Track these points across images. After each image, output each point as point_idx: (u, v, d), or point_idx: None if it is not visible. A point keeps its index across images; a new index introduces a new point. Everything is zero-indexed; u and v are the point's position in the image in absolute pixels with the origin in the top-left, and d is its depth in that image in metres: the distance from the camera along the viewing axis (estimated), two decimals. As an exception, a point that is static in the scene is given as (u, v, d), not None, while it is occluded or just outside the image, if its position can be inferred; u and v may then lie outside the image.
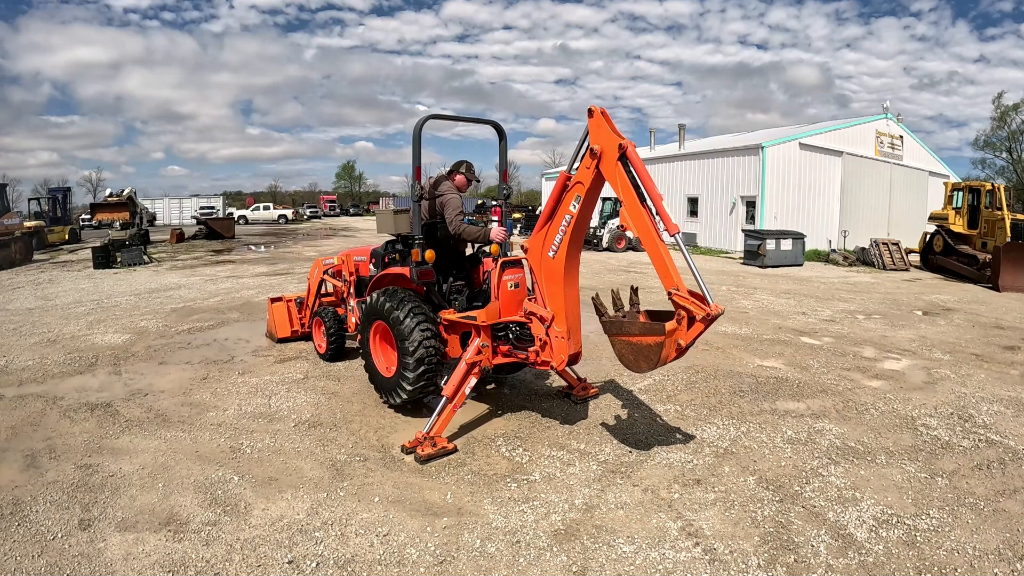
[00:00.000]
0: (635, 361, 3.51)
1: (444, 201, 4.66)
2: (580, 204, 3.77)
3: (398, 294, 4.53)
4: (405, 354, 4.35)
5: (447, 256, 4.82)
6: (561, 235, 3.86)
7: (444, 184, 4.76)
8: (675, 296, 3.30)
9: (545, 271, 3.99)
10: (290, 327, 6.98)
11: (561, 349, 3.97)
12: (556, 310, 3.95)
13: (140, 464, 3.86)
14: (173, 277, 13.24)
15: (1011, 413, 4.98)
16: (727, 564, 2.90)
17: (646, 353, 3.41)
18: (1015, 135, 46.84)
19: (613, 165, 3.56)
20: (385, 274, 4.90)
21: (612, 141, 3.55)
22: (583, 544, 3.02)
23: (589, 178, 3.71)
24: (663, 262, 3.36)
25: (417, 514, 3.28)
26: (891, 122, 25.13)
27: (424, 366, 4.33)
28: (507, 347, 4.46)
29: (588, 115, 3.67)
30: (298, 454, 4.04)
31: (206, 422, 4.59)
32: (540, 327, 4.04)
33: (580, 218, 3.81)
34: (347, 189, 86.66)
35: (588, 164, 3.67)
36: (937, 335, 7.97)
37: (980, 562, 2.95)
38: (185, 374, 5.84)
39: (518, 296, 4.31)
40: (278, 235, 28.95)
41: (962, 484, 3.76)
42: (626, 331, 3.50)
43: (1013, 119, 46.51)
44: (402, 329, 4.34)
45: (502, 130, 5.05)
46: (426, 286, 4.58)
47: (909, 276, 15.24)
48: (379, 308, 4.57)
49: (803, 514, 3.37)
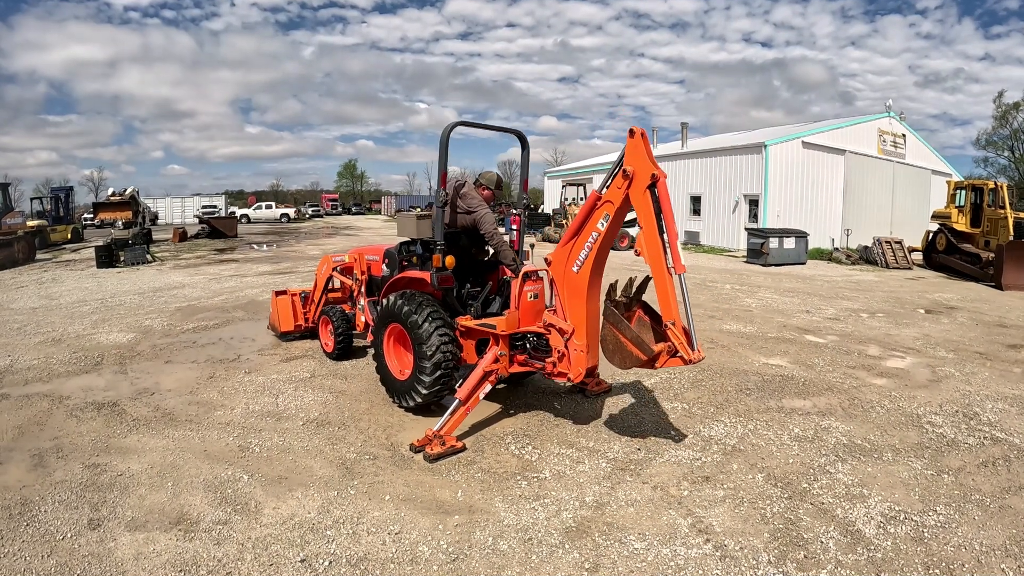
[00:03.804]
0: (611, 353, 3.82)
1: (479, 218, 4.71)
2: (608, 223, 3.81)
3: (416, 298, 4.54)
4: (422, 358, 4.37)
5: (464, 262, 4.84)
6: (587, 251, 3.92)
7: (473, 197, 4.77)
8: (670, 330, 3.56)
9: (568, 285, 4.04)
10: (294, 321, 6.97)
11: (579, 362, 4.03)
12: (577, 323, 4.01)
13: (148, 463, 3.86)
14: (177, 276, 13.25)
15: (1015, 411, 4.98)
16: (738, 560, 2.91)
17: (625, 356, 3.73)
18: (1017, 134, 46.82)
19: (642, 193, 3.62)
20: (402, 277, 4.91)
21: (646, 168, 3.59)
22: (595, 541, 3.03)
23: (619, 198, 3.74)
24: (666, 294, 3.56)
25: (428, 512, 3.28)
26: (894, 120, 25.10)
27: (441, 370, 4.35)
28: (523, 356, 4.49)
29: (628, 135, 3.70)
30: (307, 453, 4.05)
31: (214, 421, 4.60)
32: (559, 339, 4.09)
33: (607, 236, 3.86)
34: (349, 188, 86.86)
35: (620, 184, 3.70)
36: (941, 333, 7.97)
37: (987, 558, 2.96)
38: (191, 373, 5.84)
39: (537, 306, 4.36)
40: (280, 234, 28.94)
41: (968, 481, 3.77)
42: (621, 328, 3.74)
43: (1014, 118, 46.48)
44: (420, 333, 4.36)
45: (525, 140, 5.08)
46: (443, 291, 4.61)
47: (912, 275, 15.23)
48: (396, 311, 4.58)
49: (812, 511, 3.38)
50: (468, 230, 4.84)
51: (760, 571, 2.83)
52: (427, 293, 4.64)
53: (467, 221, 4.78)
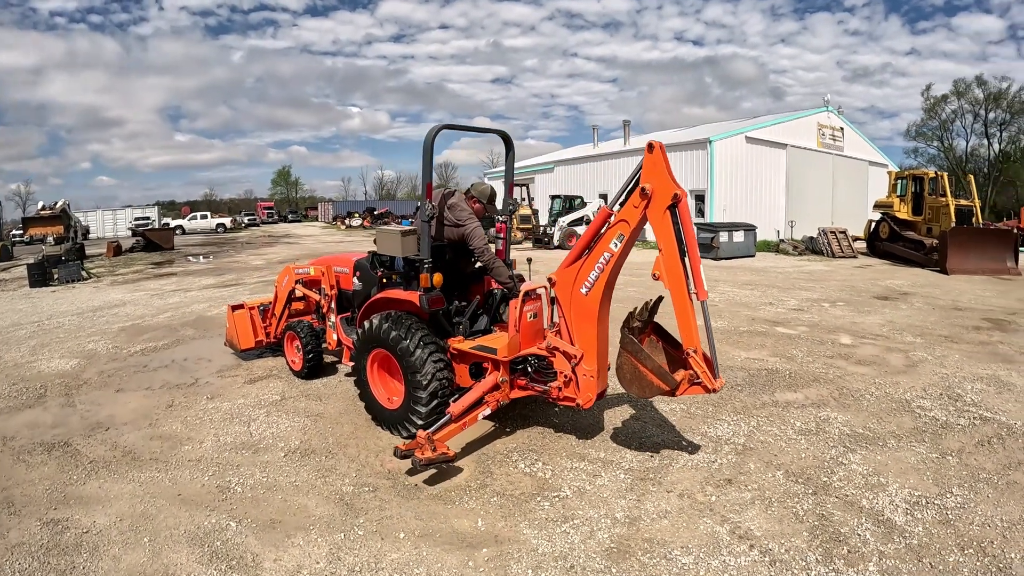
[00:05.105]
0: (630, 383, 3.65)
1: (468, 232, 4.36)
2: (623, 243, 3.58)
3: (404, 321, 4.20)
4: (417, 387, 4.05)
5: (449, 277, 4.50)
6: (597, 273, 3.67)
7: (463, 210, 4.43)
8: (692, 359, 3.44)
9: (576, 308, 3.80)
10: (254, 337, 6.42)
11: (589, 387, 3.81)
12: (587, 348, 3.78)
13: (117, 515, 3.37)
14: (116, 293, 12.21)
15: (993, 390, 5.20)
16: (788, 564, 2.82)
17: (646, 386, 3.56)
18: (945, 125, 50.56)
19: (661, 213, 3.40)
20: (382, 298, 4.54)
21: (667, 187, 3.38)
22: (640, 561, 2.85)
23: (636, 218, 3.50)
24: (688, 320, 3.41)
25: (452, 547, 3.00)
26: (832, 114, 26.45)
27: (437, 399, 4.06)
28: (524, 380, 4.23)
29: (647, 150, 3.46)
30: (298, 489, 3.65)
31: (183, 458, 4.11)
32: (564, 363, 3.86)
33: (620, 257, 3.65)
34: (284, 195, 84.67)
35: (637, 203, 3.47)
36: (903, 319, 8.33)
37: (1011, 532, 3.06)
38: (147, 401, 5.27)
39: (536, 326, 4.14)
40: (218, 245, 27.50)
41: (971, 461, 3.87)
42: (640, 359, 3.55)
43: (943, 110, 50.17)
44: (413, 361, 4.04)
45: (510, 140, 4.76)
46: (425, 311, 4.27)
47: (859, 263, 16.01)
48: (383, 336, 4.22)
49: (839, 504, 3.36)
50: (455, 244, 4.51)
51: (812, 572, 2.76)
52: (413, 314, 4.32)
53: (455, 235, 4.44)
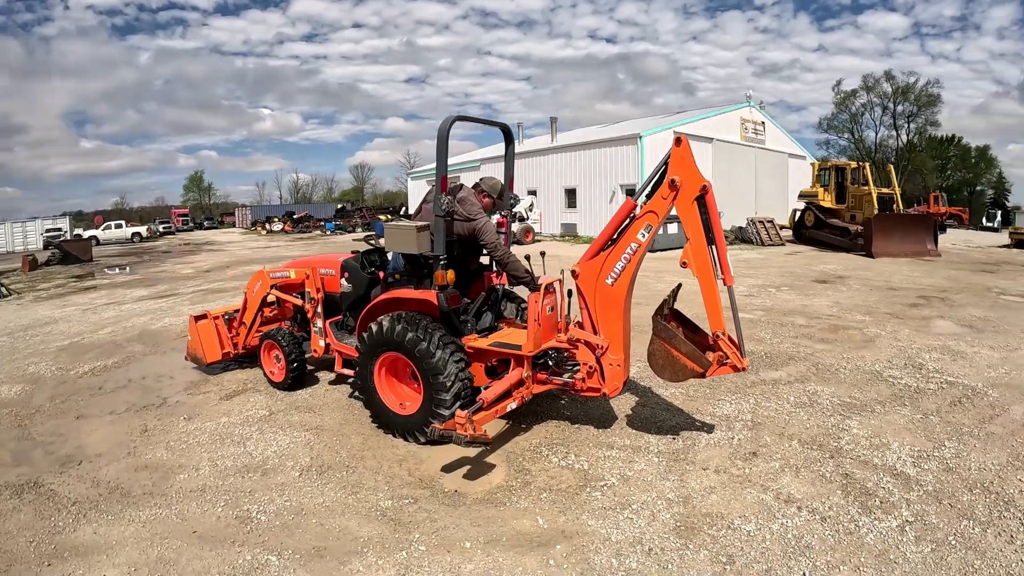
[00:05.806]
0: (662, 368, 3.82)
1: (480, 227, 4.27)
2: (650, 234, 3.71)
3: (419, 321, 4.07)
4: (440, 390, 3.93)
5: (457, 274, 4.40)
6: (624, 263, 3.78)
7: (473, 204, 4.32)
8: (720, 340, 3.62)
9: (601, 298, 3.89)
10: (221, 349, 5.94)
11: (615, 376, 3.90)
12: (613, 338, 3.87)
13: (128, 564, 2.91)
14: (44, 310, 10.94)
15: (948, 358, 5.79)
16: (837, 519, 3.08)
17: (679, 370, 3.74)
18: (855, 118, 55.07)
19: (690, 204, 3.58)
20: (391, 298, 4.38)
21: (695, 178, 3.55)
22: (709, 535, 2.97)
23: (664, 209, 3.65)
24: (716, 304, 3.61)
25: (524, 549, 2.94)
26: (754, 109, 28.17)
27: (461, 400, 3.96)
28: (544, 375, 4.24)
29: (675, 143, 3.60)
30: (330, 511, 3.37)
31: (182, 488, 3.68)
32: (588, 354, 3.91)
33: (645, 248, 3.78)
34: (197, 201, 79.51)
35: (666, 195, 3.62)
36: (847, 300, 9.07)
37: (1005, 472, 3.52)
38: (117, 428, 4.74)
39: (552, 320, 4.16)
40: (138, 255, 25.37)
41: (951, 419, 4.33)
42: (674, 344, 3.71)
43: (853, 103, 54.59)
44: (435, 363, 3.91)
45: (510, 134, 4.72)
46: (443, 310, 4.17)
47: (788, 250, 17.21)
48: (396, 338, 4.06)
49: (856, 464, 3.67)
50: (463, 239, 4.41)
51: (860, 523, 3.03)
52: (426, 314, 4.20)
53: (464, 230, 4.33)
